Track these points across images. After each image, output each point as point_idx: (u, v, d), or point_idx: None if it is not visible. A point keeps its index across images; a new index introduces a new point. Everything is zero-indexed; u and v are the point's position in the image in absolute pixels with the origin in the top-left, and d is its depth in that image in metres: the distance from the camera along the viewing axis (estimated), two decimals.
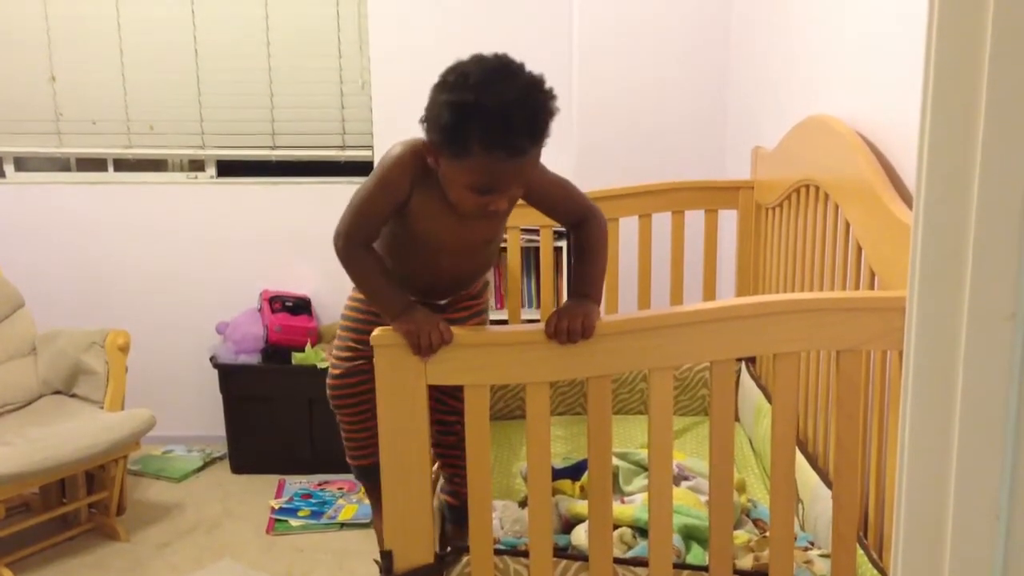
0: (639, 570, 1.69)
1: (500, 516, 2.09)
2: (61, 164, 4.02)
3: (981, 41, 0.65)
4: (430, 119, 1.51)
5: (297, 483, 3.60)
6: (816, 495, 2.03)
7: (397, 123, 3.83)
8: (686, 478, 2.25)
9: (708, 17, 3.43)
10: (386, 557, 1.58)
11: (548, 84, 1.52)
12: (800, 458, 2.12)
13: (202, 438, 3.98)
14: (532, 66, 3.99)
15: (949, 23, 0.67)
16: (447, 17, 3.74)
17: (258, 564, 3.04)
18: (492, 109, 1.42)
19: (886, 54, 1.98)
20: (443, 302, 1.89)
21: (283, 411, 3.67)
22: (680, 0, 3.42)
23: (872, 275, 1.86)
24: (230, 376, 3.68)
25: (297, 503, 3.42)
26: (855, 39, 2.17)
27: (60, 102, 3.86)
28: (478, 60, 1.50)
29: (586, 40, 3.47)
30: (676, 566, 1.67)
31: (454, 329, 1.52)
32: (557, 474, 2.25)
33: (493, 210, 1.55)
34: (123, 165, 3.98)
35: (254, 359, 3.67)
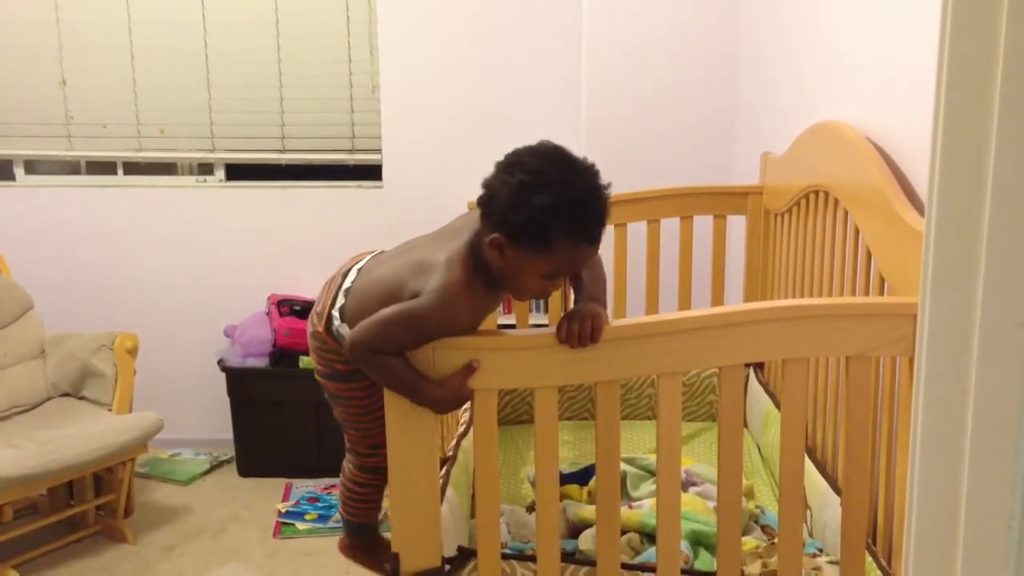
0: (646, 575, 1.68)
1: (507, 521, 2.09)
2: (71, 167, 4.03)
3: (994, 47, 0.65)
4: (510, 218, 1.48)
5: (304, 487, 3.60)
6: (825, 502, 2.03)
7: (407, 127, 3.87)
8: (694, 484, 2.25)
9: (717, 23, 3.43)
10: (393, 560, 1.58)
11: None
12: (809, 464, 2.12)
13: (209, 441, 3.98)
14: (542, 74, 4.02)
15: (962, 29, 0.67)
16: (457, 22, 3.74)
17: (265, 568, 3.04)
18: (577, 207, 1.48)
19: (896, 59, 1.97)
20: None
21: (290, 415, 3.67)
22: (689, 6, 3.42)
23: (882, 281, 1.85)
24: (238, 379, 3.68)
25: (304, 507, 3.43)
26: (865, 44, 2.17)
27: (70, 105, 3.88)
28: (539, 154, 1.52)
29: (596, 45, 3.47)
30: (684, 572, 1.67)
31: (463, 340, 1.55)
32: (565, 479, 2.25)
33: (552, 290, 1.59)
34: (133, 168, 3.98)
35: (262, 363, 3.68)
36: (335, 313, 1.77)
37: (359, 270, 1.79)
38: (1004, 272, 0.67)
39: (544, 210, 1.46)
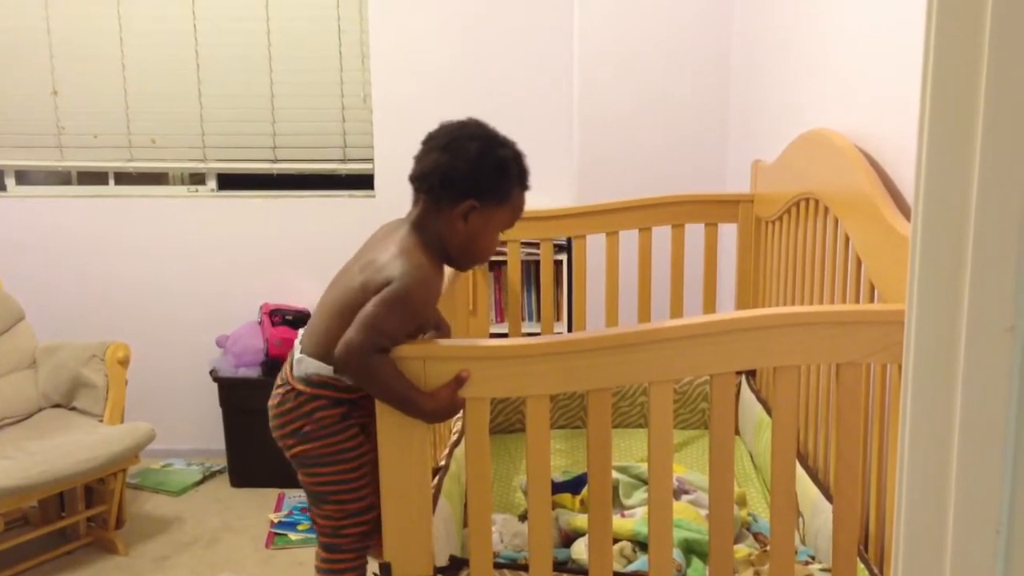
0: None
1: (500, 530, 2.08)
2: (62, 177, 4.03)
3: (979, 54, 0.65)
4: (479, 178, 1.66)
5: (296, 497, 3.59)
6: (817, 509, 2.03)
7: (398, 136, 3.86)
8: (686, 492, 2.25)
9: (708, 32, 3.44)
10: (385, 570, 1.57)
11: None
12: (800, 472, 2.12)
13: (201, 451, 3.97)
14: (534, 81, 4.02)
15: (947, 37, 0.67)
16: (448, 32, 3.75)
17: None
18: (519, 156, 1.73)
19: (884, 68, 1.99)
20: None
21: None
22: (681, 15, 3.43)
23: (872, 288, 1.86)
24: (230, 389, 3.67)
25: (296, 517, 3.41)
26: (854, 53, 2.18)
27: (62, 115, 3.87)
28: (471, 124, 1.73)
29: (588, 53, 3.48)
30: None
31: (454, 342, 1.56)
32: (557, 488, 2.24)
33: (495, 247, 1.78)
34: (124, 178, 3.98)
35: (254, 372, 3.67)
36: (299, 356, 1.76)
37: (303, 331, 1.82)
38: (991, 277, 0.67)
39: (506, 161, 1.69)
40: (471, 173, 1.66)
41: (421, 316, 1.60)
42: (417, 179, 1.72)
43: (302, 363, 1.75)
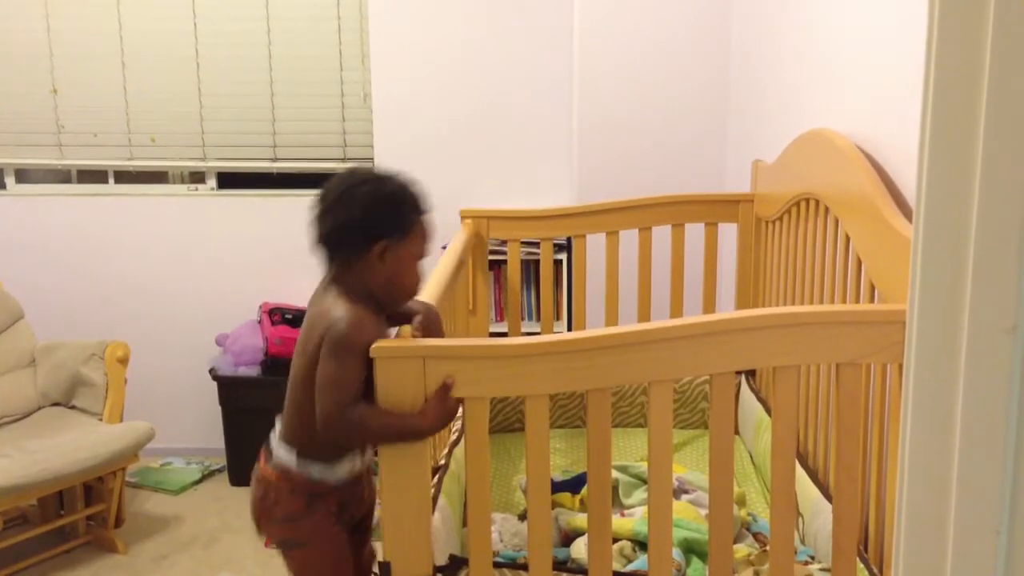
0: None
1: (499, 529, 2.08)
2: (62, 176, 4.03)
3: (981, 54, 0.65)
4: (379, 218, 1.66)
5: None
6: (816, 509, 2.03)
7: (398, 135, 3.87)
8: (686, 491, 2.25)
9: (708, 32, 3.44)
10: (384, 569, 1.57)
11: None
12: (800, 472, 2.12)
13: (201, 450, 3.97)
14: (533, 82, 4.03)
15: (949, 38, 0.67)
16: (448, 31, 3.75)
17: None
18: (408, 184, 1.72)
19: (885, 68, 1.98)
20: None
21: None
22: (680, 15, 3.43)
23: (872, 288, 1.86)
24: (229, 388, 3.67)
25: None
26: (854, 53, 2.18)
27: (62, 114, 3.87)
28: (352, 173, 1.74)
29: (587, 54, 3.47)
30: None
31: (453, 341, 1.54)
32: (557, 487, 2.24)
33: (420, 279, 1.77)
34: (124, 177, 3.98)
35: (254, 371, 3.67)
36: (276, 441, 1.82)
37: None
38: (992, 277, 0.67)
39: (396, 194, 1.69)
40: (368, 216, 1.66)
41: (366, 351, 1.56)
42: (321, 242, 1.72)
43: (276, 448, 1.81)
